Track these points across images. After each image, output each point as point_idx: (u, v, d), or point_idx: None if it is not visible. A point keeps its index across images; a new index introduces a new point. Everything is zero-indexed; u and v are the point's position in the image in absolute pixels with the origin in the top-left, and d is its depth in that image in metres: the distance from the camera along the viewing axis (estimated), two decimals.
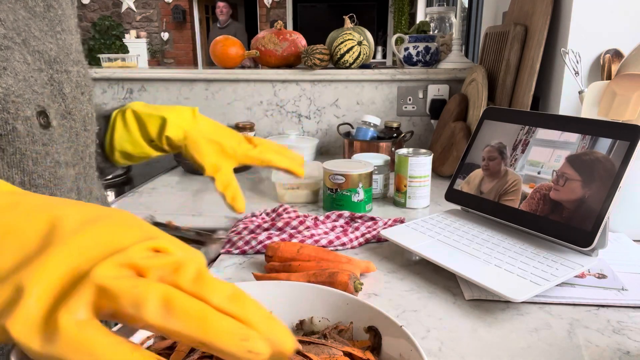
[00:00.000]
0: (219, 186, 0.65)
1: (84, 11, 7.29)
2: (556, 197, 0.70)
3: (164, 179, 1.28)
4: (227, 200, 0.66)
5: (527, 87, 1.09)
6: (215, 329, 0.23)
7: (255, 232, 0.84)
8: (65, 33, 0.54)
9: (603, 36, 1.00)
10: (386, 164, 1.06)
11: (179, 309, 0.23)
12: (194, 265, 0.25)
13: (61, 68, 0.52)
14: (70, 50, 0.54)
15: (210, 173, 0.65)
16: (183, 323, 0.23)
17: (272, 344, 0.24)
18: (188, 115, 0.66)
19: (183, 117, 0.65)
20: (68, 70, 0.53)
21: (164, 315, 0.23)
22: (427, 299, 0.64)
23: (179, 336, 0.23)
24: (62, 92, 0.52)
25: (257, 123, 1.58)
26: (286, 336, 0.24)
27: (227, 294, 0.24)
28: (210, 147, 0.65)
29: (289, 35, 1.54)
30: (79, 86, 0.55)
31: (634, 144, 0.65)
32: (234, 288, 0.25)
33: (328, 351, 0.41)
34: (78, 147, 0.55)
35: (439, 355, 0.53)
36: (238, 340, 0.23)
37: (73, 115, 0.54)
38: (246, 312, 0.24)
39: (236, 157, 0.66)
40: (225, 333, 0.23)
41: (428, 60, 1.51)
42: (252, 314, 0.24)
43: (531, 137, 0.77)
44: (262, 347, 0.23)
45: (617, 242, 0.80)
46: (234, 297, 0.24)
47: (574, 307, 0.62)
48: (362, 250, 0.80)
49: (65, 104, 0.52)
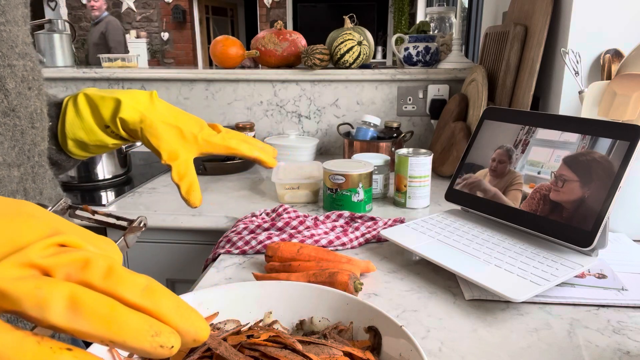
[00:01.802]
0: (175, 176, 0.59)
1: (84, 11, 7.29)
2: (556, 199, 0.70)
3: (164, 179, 1.28)
4: (181, 192, 0.60)
5: (527, 87, 1.09)
6: (124, 327, 0.22)
7: (255, 232, 0.84)
8: (9, 24, 0.50)
9: (603, 36, 1.00)
10: (386, 164, 1.06)
11: (86, 308, 0.22)
12: (104, 260, 0.24)
13: (4, 62, 0.48)
14: (16, 42, 0.50)
15: (167, 160, 0.59)
16: (90, 323, 0.22)
17: (185, 333, 0.24)
18: (145, 98, 0.61)
19: (139, 100, 0.60)
20: (12, 64, 0.49)
21: (70, 316, 0.22)
22: (427, 299, 0.64)
23: (88, 337, 0.22)
24: (5, 87, 0.48)
25: (257, 123, 1.58)
26: (199, 323, 0.24)
27: (140, 287, 0.24)
28: (168, 131, 0.60)
29: (289, 35, 1.54)
30: (25, 80, 0.51)
31: (634, 144, 0.65)
32: (147, 281, 0.24)
33: (328, 351, 0.41)
34: (24, 146, 0.52)
35: (439, 355, 0.53)
36: (148, 336, 0.22)
37: (17, 112, 0.50)
38: (158, 304, 0.24)
39: (197, 143, 0.61)
40: (134, 330, 0.22)
41: (428, 60, 1.51)
42: (164, 305, 0.24)
43: (531, 137, 0.77)
44: (173, 341, 0.23)
45: (617, 242, 0.80)
46: (146, 291, 0.24)
47: (574, 307, 0.62)
48: (362, 250, 0.80)
49: (7, 100, 0.49)
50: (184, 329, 0.24)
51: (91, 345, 0.40)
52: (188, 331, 0.24)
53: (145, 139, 0.60)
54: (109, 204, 1.08)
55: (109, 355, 0.41)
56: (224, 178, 1.29)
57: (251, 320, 0.49)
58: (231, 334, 0.43)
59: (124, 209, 1.04)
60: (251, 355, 0.39)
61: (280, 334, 0.42)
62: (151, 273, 1.08)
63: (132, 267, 1.08)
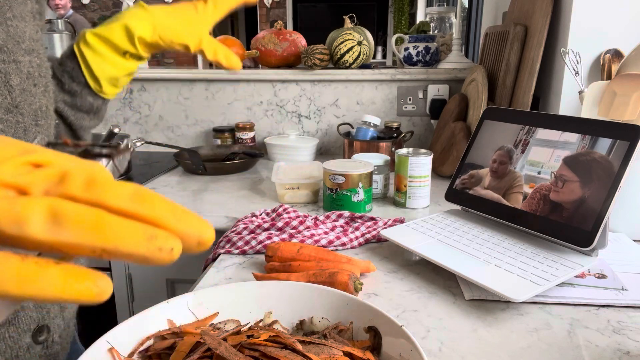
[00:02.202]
0: (210, 55, 0.64)
1: (84, 11, 7.29)
2: (556, 199, 0.70)
3: (164, 179, 1.28)
4: (223, 64, 0.64)
5: (527, 87, 1.09)
6: (115, 232, 0.20)
7: (255, 232, 0.84)
8: (16, 20, 0.50)
9: (603, 36, 1.00)
10: (386, 164, 1.06)
11: (69, 218, 0.20)
12: (83, 170, 0.22)
13: (9, 58, 0.47)
14: (23, 38, 0.50)
15: (196, 48, 0.63)
16: (76, 232, 0.20)
17: (186, 236, 0.22)
18: (141, 12, 0.63)
19: (139, 16, 0.63)
20: (17, 60, 0.49)
21: (52, 228, 0.20)
22: (427, 299, 0.64)
23: (76, 248, 0.20)
24: (9, 83, 0.48)
25: (257, 123, 1.58)
26: (201, 224, 0.22)
27: (127, 194, 0.21)
28: (180, 25, 0.63)
29: (289, 35, 1.54)
30: (31, 77, 0.51)
31: (634, 144, 0.65)
32: (135, 187, 0.22)
33: (328, 351, 0.41)
34: None
35: (439, 355, 0.53)
36: (144, 240, 0.20)
37: (21, 109, 0.49)
38: (151, 209, 0.21)
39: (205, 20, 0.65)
40: (127, 235, 0.20)
41: (428, 60, 1.51)
42: (157, 209, 0.21)
43: (531, 137, 0.77)
44: (171, 242, 0.21)
45: (617, 242, 0.80)
46: (135, 196, 0.22)
47: (574, 307, 0.62)
48: (362, 250, 0.80)
49: (11, 96, 0.48)
50: (184, 232, 0.22)
51: (91, 345, 0.40)
52: (189, 233, 0.22)
53: (168, 42, 0.63)
54: None
55: (109, 355, 0.41)
56: (224, 178, 1.29)
57: (251, 320, 0.49)
58: (231, 334, 0.43)
59: None
60: (251, 355, 0.39)
61: (280, 334, 0.42)
62: (151, 273, 1.08)
63: (132, 266, 1.08)
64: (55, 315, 0.52)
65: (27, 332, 0.48)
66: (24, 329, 0.48)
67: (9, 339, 0.47)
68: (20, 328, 0.47)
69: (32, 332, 0.49)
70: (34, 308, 0.49)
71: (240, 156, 1.39)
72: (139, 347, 0.44)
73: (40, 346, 0.50)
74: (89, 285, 0.21)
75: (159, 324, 0.46)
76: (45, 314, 0.50)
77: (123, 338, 0.43)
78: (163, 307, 0.47)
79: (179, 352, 0.41)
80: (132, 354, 0.43)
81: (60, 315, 0.53)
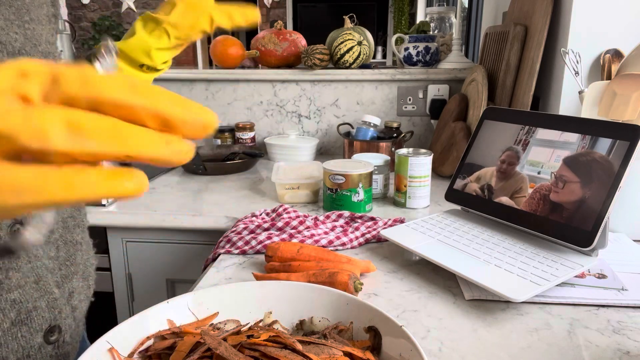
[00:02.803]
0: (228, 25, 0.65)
1: (84, 11, 7.29)
2: (556, 199, 0.70)
3: (164, 179, 1.28)
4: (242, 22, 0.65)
5: (527, 87, 1.09)
6: (135, 139, 0.22)
7: (255, 232, 0.84)
8: (33, 23, 0.50)
9: (603, 36, 1.00)
10: (386, 164, 1.06)
11: (89, 127, 0.21)
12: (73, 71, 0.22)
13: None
14: (40, 41, 0.50)
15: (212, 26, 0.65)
16: (99, 140, 0.21)
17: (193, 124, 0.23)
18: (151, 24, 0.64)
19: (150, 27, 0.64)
20: None
21: (75, 138, 0.21)
22: (427, 299, 0.64)
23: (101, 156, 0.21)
24: None
25: (257, 123, 1.58)
26: (203, 110, 0.24)
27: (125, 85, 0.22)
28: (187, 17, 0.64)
29: (289, 35, 1.54)
30: None
31: (634, 144, 0.65)
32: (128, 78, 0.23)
33: (328, 351, 0.41)
34: None
35: (439, 355, 0.53)
36: (164, 144, 0.22)
37: None
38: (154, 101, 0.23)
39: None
40: (148, 141, 0.22)
41: (428, 60, 1.51)
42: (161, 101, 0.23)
43: (531, 137, 0.77)
44: (185, 145, 0.23)
45: (617, 242, 0.80)
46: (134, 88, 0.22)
47: (574, 307, 0.62)
48: (362, 250, 0.80)
49: None
50: (191, 119, 0.23)
51: (91, 345, 0.40)
52: (195, 120, 0.23)
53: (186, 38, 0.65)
54: (109, 204, 1.08)
55: (109, 355, 0.41)
56: (224, 178, 1.29)
57: (251, 320, 0.49)
58: (231, 334, 0.43)
59: (124, 209, 1.04)
60: (251, 355, 0.39)
61: (280, 334, 0.42)
62: (151, 273, 1.08)
63: (132, 266, 1.08)
64: (67, 316, 0.52)
65: (39, 332, 0.48)
66: (36, 329, 0.48)
67: (21, 339, 0.47)
68: (32, 328, 0.47)
69: (44, 332, 0.49)
70: (47, 308, 0.49)
71: (240, 156, 1.39)
72: (139, 347, 0.44)
73: (51, 346, 0.50)
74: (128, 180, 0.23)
75: (159, 324, 0.46)
76: (57, 314, 0.50)
77: (123, 338, 0.43)
78: (163, 307, 0.47)
79: (179, 352, 0.41)
80: (132, 354, 0.43)
81: (72, 315, 0.53)
